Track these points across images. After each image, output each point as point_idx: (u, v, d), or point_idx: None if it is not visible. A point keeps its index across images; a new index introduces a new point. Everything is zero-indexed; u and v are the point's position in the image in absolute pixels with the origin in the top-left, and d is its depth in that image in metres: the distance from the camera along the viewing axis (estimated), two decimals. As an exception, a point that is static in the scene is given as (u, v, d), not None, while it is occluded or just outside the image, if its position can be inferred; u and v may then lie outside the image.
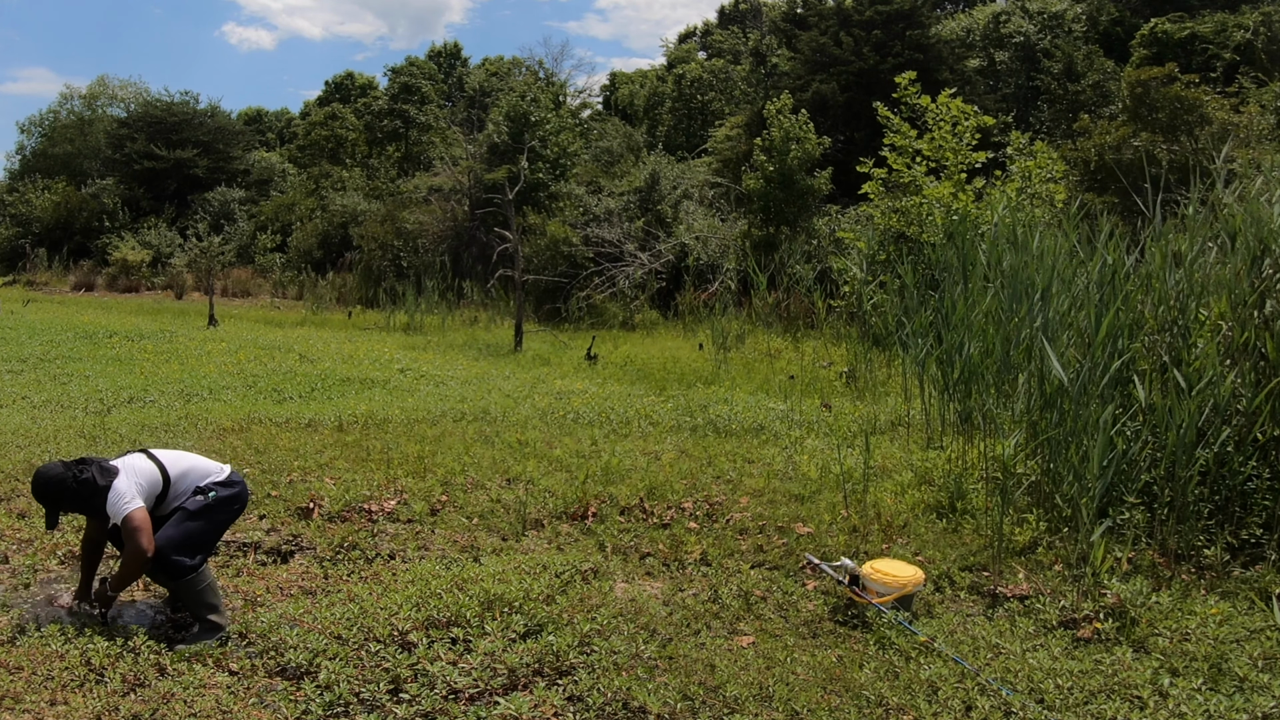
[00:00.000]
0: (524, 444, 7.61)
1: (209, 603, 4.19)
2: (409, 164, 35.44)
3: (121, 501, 4.10)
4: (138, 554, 4.06)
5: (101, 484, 4.14)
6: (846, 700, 3.70)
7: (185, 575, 4.14)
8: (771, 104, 21.39)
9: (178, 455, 4.45)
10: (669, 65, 42.53)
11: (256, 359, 13.25)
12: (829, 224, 20.35)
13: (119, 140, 37.52)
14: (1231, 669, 3.86)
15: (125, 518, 4.08)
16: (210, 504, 4.30)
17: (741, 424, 8.39)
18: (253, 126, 49.90)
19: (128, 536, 4.09)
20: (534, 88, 29.01)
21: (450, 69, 47.64)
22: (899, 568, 4.53)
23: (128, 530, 4.08)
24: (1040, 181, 14.06)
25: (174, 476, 4.32)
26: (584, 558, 5.15)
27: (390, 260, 24.82)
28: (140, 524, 4.09)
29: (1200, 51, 25.01)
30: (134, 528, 4.08)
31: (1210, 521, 5.12)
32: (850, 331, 13.70)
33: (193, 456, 4.50)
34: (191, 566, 4.16)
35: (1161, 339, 5.69)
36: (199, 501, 4.29)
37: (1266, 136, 18.35)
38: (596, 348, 14.84)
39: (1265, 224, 5.56)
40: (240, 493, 4.48)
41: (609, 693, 3.67)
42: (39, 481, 4.17)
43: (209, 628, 4.14)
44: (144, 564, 4.12)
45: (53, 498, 4.17)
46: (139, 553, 4.06)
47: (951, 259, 7.99)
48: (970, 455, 6.70)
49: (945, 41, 28.62)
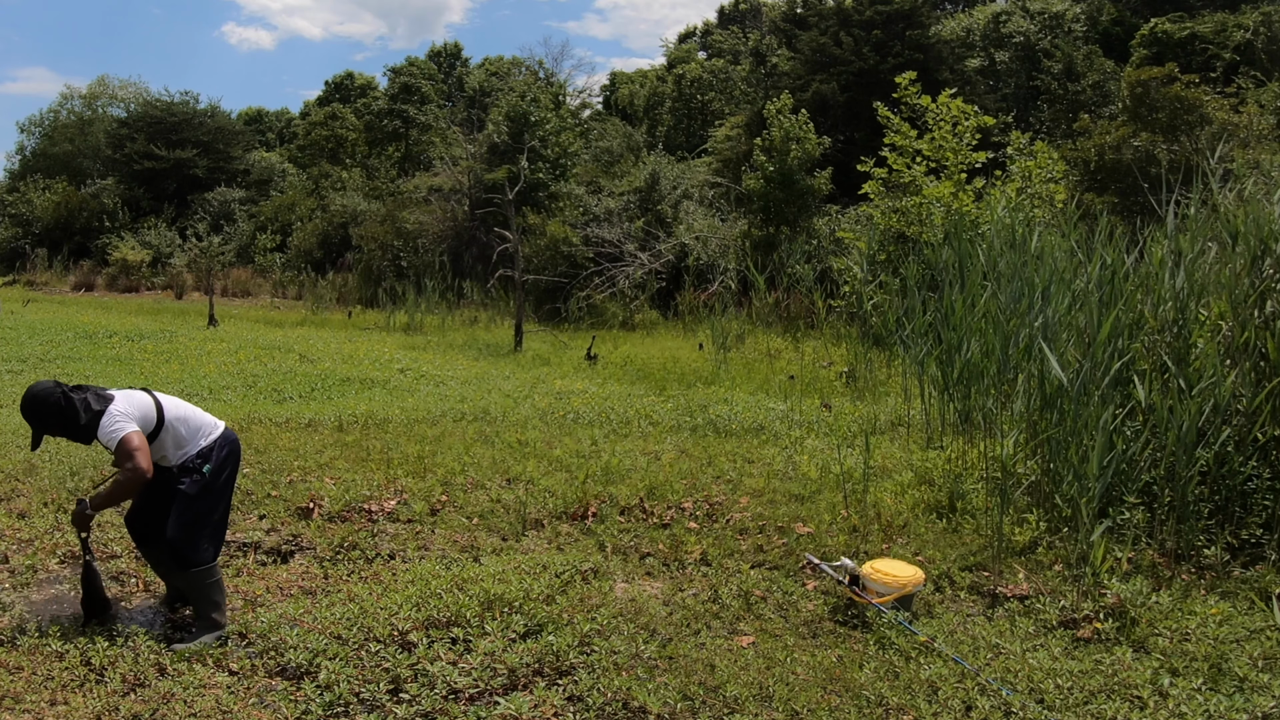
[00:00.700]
0: (524, 444, 7.61)
1: (214, 600, 4.17)
2: (409, 164, 35.45)
3: (115, 424, 3.95)
4: (136, 475, 3.90)
5: (96, 409, 4.01)
6: (846, 700, 3.70)
7: (200, 567, 4.13)
8: (771, 104, 21.39)
9: (176, 402, 4.32)
10: (669, 65, 42.54)
11: (256, 359, 13.25)
12: (829, 224, 20.35)
13: (119, 140, 37.52)
14: (1231, 669, 3.86)
15: (122, 439, 3.93)
16: (206, 480, 4.19)
17: (741, 424, 8.39)
18: (253, 126, 49.92)
19: (125, 458, 3.93)
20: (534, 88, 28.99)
21: (450, 69, 47.65)
22: (899, 568, 4.53)
23: (125, 451, 3.92)
24: (1040, 181, 14.06)
25: (169, 419, 4.18)
26: (584, 558, 5.15)
27: (390, 260, 24.82)
28: (139, 445, 3.94)
29: (1200, 51, 25.01)
30: (133, 448, 3.92)
31: (1210, 521, 5.12)
32: (850, 331, 13.69)
33: (190, 407, 4.37)
34: (208, 560, 4.15)
35: (1161, 339, 5.69)
36: (196, 482, 4.17)
37: (1266, 136, 18.35)
38: (596, 348, 14.84)
39: (1266, 224, 5.56)
40: (232, 450, 4.36)
41: (609, 693, 3.67)
42: (27, 397, 4.03)
43: (210, 625, 4.12)
44: (139, 486, 3.97)
45: (39, 416, 4.02)
46: (138, 474, 3.90)
47: (950, 259, 7.98)
48: (970, 455, 6.70)
49: (945, 41, 28.62)
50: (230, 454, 4.35)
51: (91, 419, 4.01)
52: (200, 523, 4.16)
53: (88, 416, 4.01)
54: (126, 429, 3.96)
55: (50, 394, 4.02)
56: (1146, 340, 5.77)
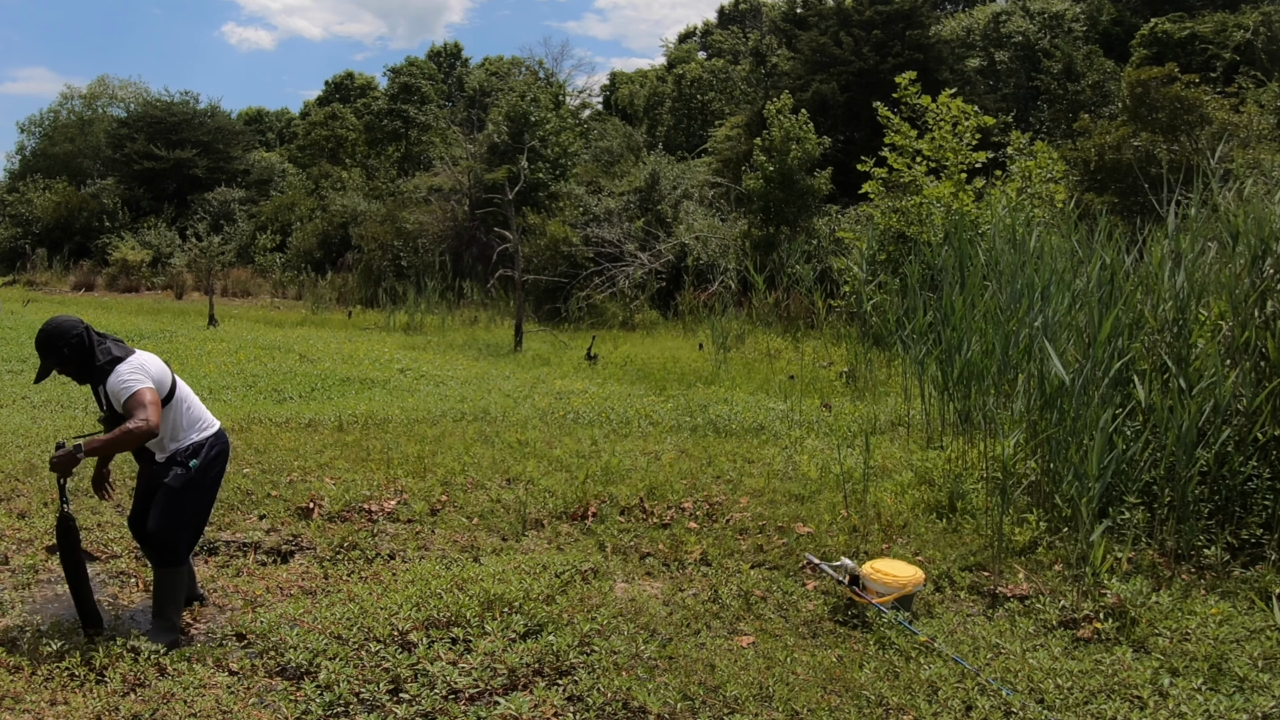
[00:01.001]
0: (524, 444, 7.61)
1: (177, 601, 4.15)
2: (409, 164, 35.43)
3: (132, 376, 3.86)
4: (145, 428, 3.76)
5: (116, 355, 3.93)
6: (846, 700, 3.70)
7: (176, 565, 4.12)
8: (771, 104, 21.38)
9: (186, 386, 4.30)
10: (669, 65, 42.52)
11: (256, 359, 13.25)
12: (829, 224, 20.35)
13: (119, 140, 37.52)
14: (1231, 669, 3.86)
15: (135, 393, 3.81)
16: (191, 475, 4.14)
17: (741, 424, 8.39)
18: (253, 126, 49.91)
19: (137, 407, 3.78)
20: (534, 88, 28.98)
21: (450, 69, 47.62)
22: (899, 568, 4.53)
23: (138, 403, 3.78)
24: (1040, 181, 14.07)
25: (178, 395, 4.14)
26: (584, 558, 5.15)
27: (390, 260, 24.82)
28: (153, 400, 3.82)
29: (1200, 51, 25.00)
30: (146, 401, 3.79)
31: (1210, 521, 5.12)
32: (850, 331, 13.69)
33: (195, 397, 4.35)
34: (184, 558, 4.14)
35: (1161, 339, 5.69)
36: (179, 476, 4.11)
37: (1266, 136, 18.35)
38: (596, 348, 14.84)
39: (1266, 224, 5.56)
40: (222, 451, 4.32)
41: (609, 693, 3.67)
42: (48, 327, 3.94)
43: (167, 627, 4.08)
44: (143, 439, 3.83)
45: (54, 348, 3.92)
46: (148, 426, 3.76)
47: (950, 259, 7.99)
48: (970, 455, 6.70)
49: (945, 41, 28.62)
50: (220, 454, 4.32)
51: (108, 363, 3.91)
52: (181, 519, 4.13)
53: (105, 359, 3.92)
54: (143, 384, 3.87)
55: (73, 328, 3.93)
56: (1146, 340, 5.77)
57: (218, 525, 5.65)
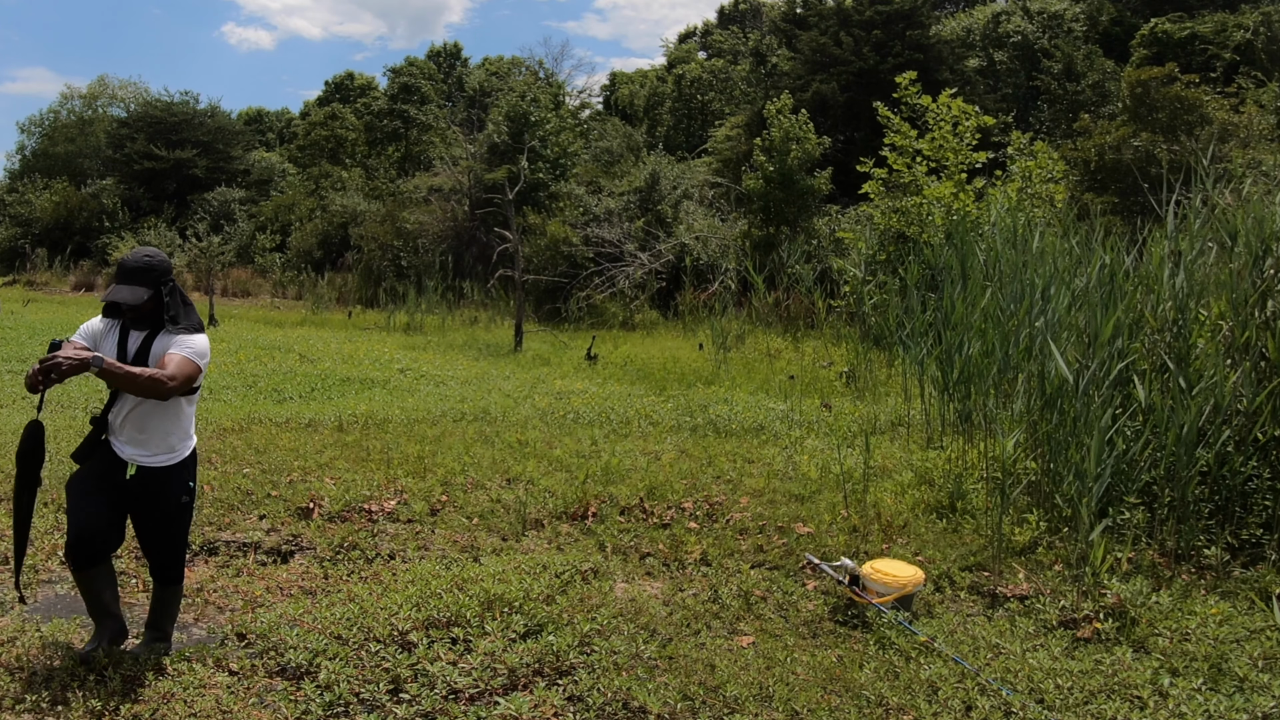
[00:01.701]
0: (524, 444, 7.61)
1: (176, 615, 4.14)
2: (409, 164, 35.45)
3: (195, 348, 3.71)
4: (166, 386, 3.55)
5: (195, 322, 3.82)
6: (846, 700, 3.70)
7: (182, 579, 4.11)
8: (771, 104, 21.39)
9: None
10: (669, 65, 42.52)
11: (256, 359, 13.25)
12: (829, 224, 20.36)
13: (119, 140, 37.54)
14: (1231, 669, 3.86)
15: (187, 361, 3.64)
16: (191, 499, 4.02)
17: (741, 424, 8.39)
18: (253, 126, 49.91)
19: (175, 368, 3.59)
20: (534, 88, 29.00)
21: (450, 69, 47.61)
22: (899, 568, 4.53)
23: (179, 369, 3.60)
24: (1040, 181, 14.07)
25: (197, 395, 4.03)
26: (584, 558, 5.15)
27: (390, 260, 24.83)
28: (191, 374, 3.67)
29: (1200, 51, 25.00)
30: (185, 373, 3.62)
31: (1210, 521, 5.12)
32: (850, 331, 13.69)
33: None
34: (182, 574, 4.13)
35: (1161, 339, 5.69)
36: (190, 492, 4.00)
37: (1266, 136, 18.35)
38: (596, 348, 14.84)
39: (1267, 224, 5.56)
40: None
41: (609, 693, 3.67)
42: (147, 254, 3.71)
43: (165, 639, 4.05)
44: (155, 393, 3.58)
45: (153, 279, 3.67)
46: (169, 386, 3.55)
47: (951, 259, 7.99)
48: (970, 455, 6.70)
49: (945, 41, 28.63)
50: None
51: (189, 325, 3.78)
52: (187, 534, 4.13)
53: (186, 320, 3.79)
54: (199, 362, 3.75)
55: (170, 266, 3.79)
56: (1147, 340, 5.77)
57: (218, 525, 5.65)
